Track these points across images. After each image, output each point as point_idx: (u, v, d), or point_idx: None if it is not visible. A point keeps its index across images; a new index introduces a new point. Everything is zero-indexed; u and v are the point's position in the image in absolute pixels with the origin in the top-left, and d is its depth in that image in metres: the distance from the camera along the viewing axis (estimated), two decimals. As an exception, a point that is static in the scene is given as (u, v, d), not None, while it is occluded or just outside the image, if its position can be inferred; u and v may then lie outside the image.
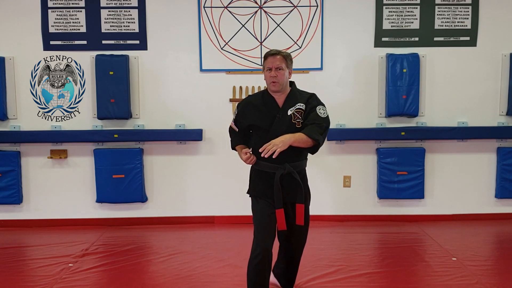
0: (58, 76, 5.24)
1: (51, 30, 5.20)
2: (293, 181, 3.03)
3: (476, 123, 5.29)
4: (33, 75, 5.22)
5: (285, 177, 3.01)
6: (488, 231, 5.10)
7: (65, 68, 5.23)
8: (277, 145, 2.83)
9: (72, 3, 5.18)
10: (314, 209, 4.84)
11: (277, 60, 3.00)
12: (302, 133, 2.93)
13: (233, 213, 5.30)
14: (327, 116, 3.04)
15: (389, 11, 5.24)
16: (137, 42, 5.23)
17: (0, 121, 5.21)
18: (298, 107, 3.02)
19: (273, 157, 2.82)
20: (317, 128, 2.96)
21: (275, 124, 2.99)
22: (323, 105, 3.07)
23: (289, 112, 3.00)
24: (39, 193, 5.32)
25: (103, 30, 5.22)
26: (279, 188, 2.99)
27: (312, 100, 3.07)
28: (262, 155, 2.86)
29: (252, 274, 2.98)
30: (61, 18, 5.19)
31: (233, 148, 3.27)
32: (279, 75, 2.99)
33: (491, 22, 5.23)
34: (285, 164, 2.98)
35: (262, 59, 3.13)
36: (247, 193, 3.19)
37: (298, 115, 3.01)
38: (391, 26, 5.25)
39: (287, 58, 3.05)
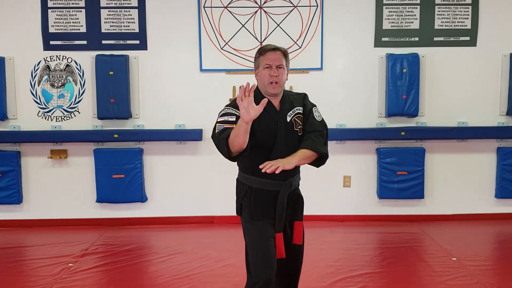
0: (58, 76, 5.24)
1: (51, 30, 5.19)
2: (295, 198, 2.68)
3: (476, 123, 5.29)
4: (33, 75, 5.22)
5: (289, 194, 2.62)
6: (488, 231, 5.10)
7: (65, 68, 5.23)
8: (282, 162, 2.45)
9: (72, 3, 5.18)
10: (314, 209, 4.89)
11: (278, 57, 2.57)
12: (305, 150, 2.57)
13: (233, 213, 5.20)
14: (322, 118, 2.70)
15: (389, 11, 5.23)
16: (137, 42, 5.23)
17: (0, 121, 5.21)
18: (297, 111, 2.64)
19: (276, 172, 2.42)
20: (320, 138, 2.61)
21: (279, 134, 2.57)
22: (315, 105, 2.73)
23: (289, 119, 2.60)
24: (39, 193, 5.31)
25: (103, 30, 5.22)
26: (283, 209, 2.57)
27: (306, 102, 2.70)
28: (263, 170, 2.43)
29: None
30: (61, 18, 5.19)
31: (227, 139, 2.44)
32: (280, 75, 2.56)
33: (491, 22, 5.23)
34: (289, 180, 2.60)
35: (256, 55, 2.64)
36: (238, 214, 2.77)
37: (299, 121, 2.63)
38: (391, 26, 5.25)
39: (286, 55, 2.63)
